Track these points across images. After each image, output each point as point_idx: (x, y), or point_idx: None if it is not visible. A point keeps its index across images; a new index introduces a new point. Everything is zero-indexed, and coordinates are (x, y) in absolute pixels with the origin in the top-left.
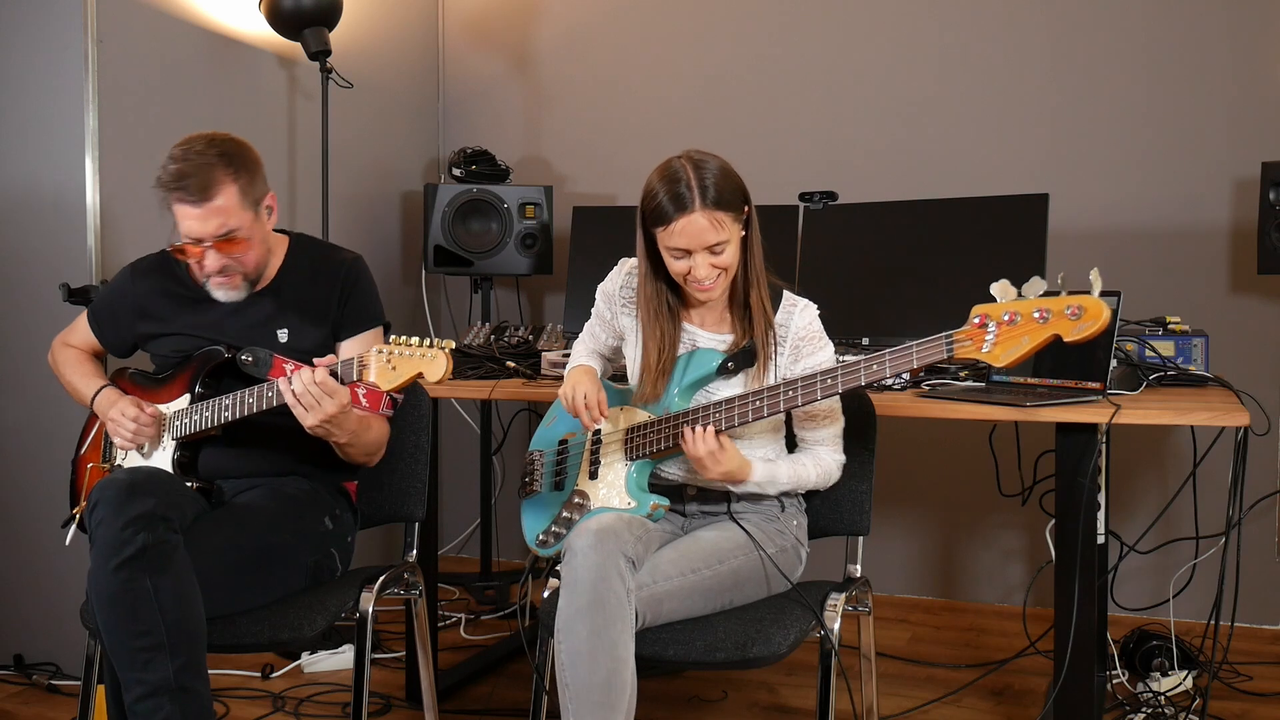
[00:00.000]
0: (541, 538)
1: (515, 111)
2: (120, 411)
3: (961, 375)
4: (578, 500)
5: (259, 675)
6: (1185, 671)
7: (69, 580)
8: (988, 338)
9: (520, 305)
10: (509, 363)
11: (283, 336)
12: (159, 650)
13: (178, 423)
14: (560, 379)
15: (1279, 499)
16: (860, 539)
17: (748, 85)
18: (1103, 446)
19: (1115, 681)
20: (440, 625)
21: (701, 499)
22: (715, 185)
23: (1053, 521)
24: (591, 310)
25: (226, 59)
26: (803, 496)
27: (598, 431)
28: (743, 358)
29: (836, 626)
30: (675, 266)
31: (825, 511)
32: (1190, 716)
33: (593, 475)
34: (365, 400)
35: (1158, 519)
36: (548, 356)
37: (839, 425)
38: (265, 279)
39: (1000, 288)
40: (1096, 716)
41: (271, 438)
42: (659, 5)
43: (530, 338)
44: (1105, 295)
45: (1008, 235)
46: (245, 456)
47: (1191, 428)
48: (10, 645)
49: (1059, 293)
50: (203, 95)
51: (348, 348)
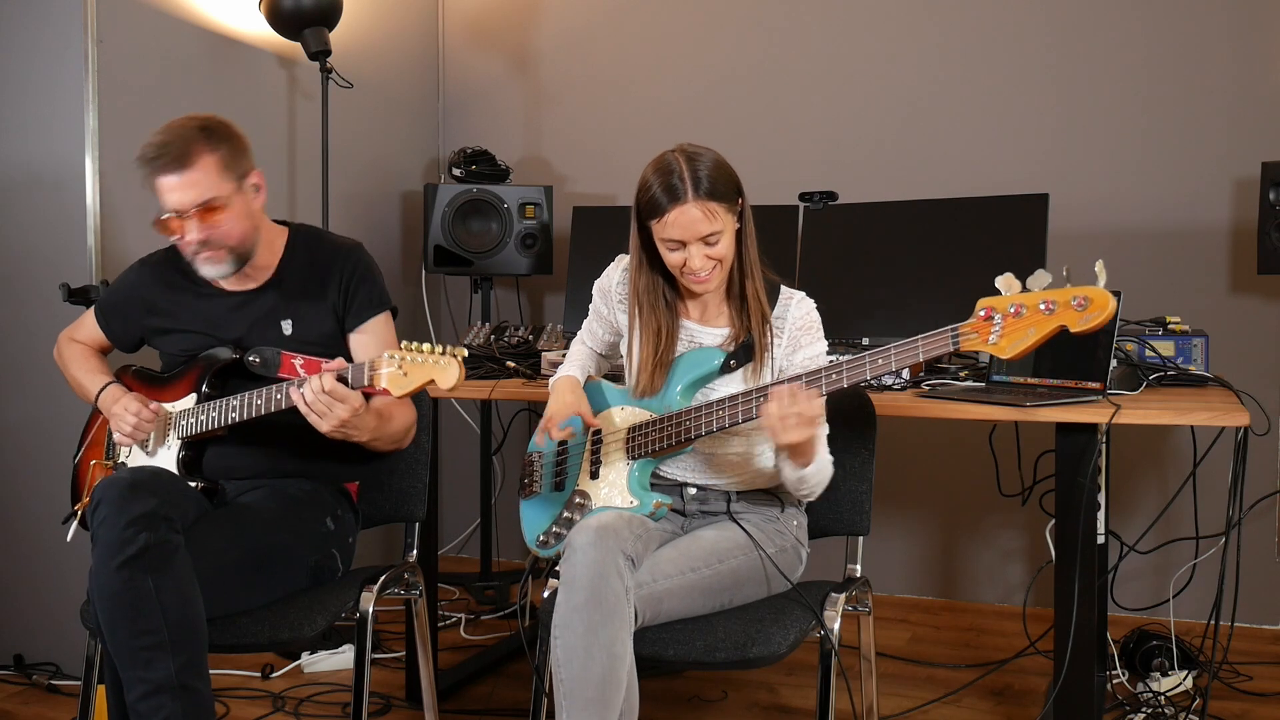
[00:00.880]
0: (542, 538)
1: (515, 111)
2: (123, 407)
3: (961, 375)
4: (579, 500)
5: (259, 675)
6: (1185, 671)
7: (69, 580)
8: (993, 330)
9: (520, 305)
10: (509, 363)
11: (287, 328)
12: (160, 649)
13: (184, 422)
14: None
15: (1279, 499)
16: (860, 539)
17: (748, 85)
18: (1103, 446)
19: (1115, 681)
20: (440, 625)
21: (701, 499)
22: (708, 176)
23: (1053, 521)
24: (589, 308)
25: (226, 59)
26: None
27: (598, 431)
28: (742, 354)
29: (836, 626)
30: (671, 259)
31: (825, 511)
32: (1190, 716)
33: (594, 475)
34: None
35: (1158, 519)
36: (548, 356)
37: (825, 429)
38: (266, 271)
39: (1005, 281)
40: (1096, 716)
41: (276, 437)
42: (659, 5)
43: (530, 338)
44: None
45: (1008, 235)
46: (250, 456)
47: (1191, 428)
48: (10, 645)
49: (1064, 285)
50: (203, 95)
51: (357, 340)
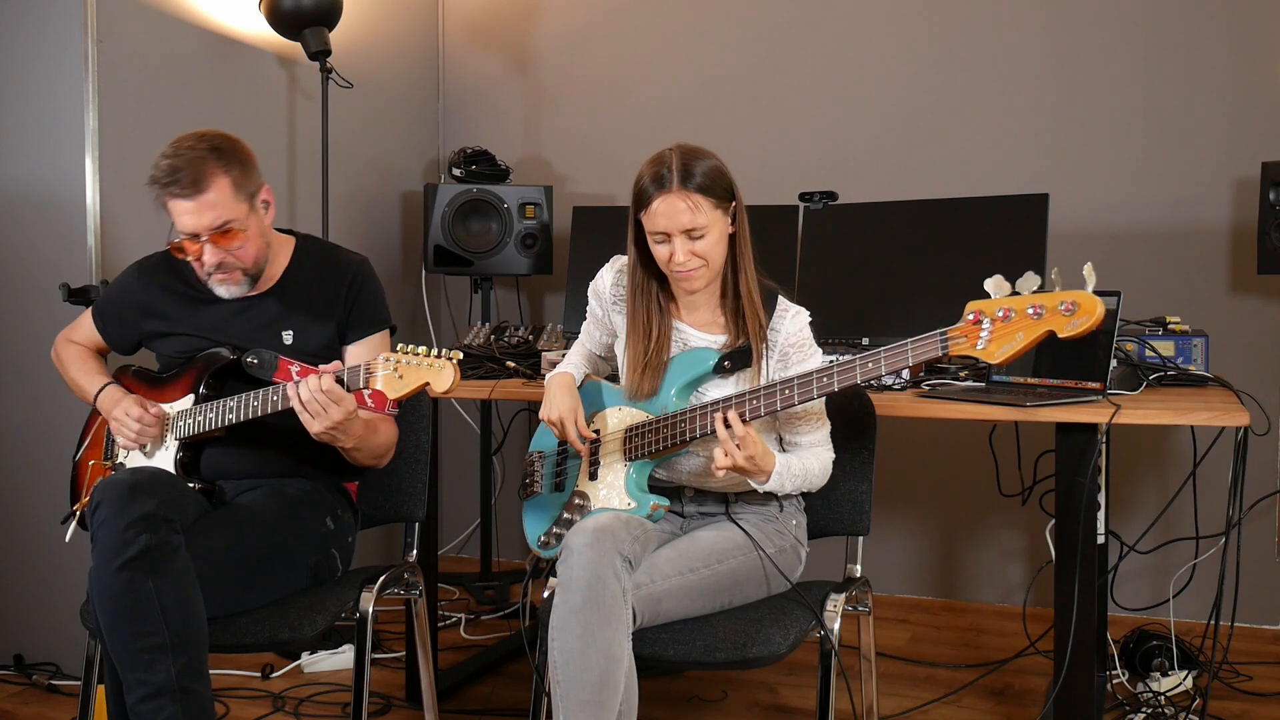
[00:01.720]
0: (543, 539)
1: (515, 111)
2: (124, 411)
3: (961, 375)
4: (578, 501)
5: (259, 675)
6: (1185, 671)
7: (69, 580)
8: (982, 334)
9: (520, 305)
10: (509, 363)
11: (288, 338)
12: (161, 651)
13: (181, 423)
14: None
15: (1279, 499)
16: (860, 539)
17: (748, 85)
18: (1103, 446)
19: (1115, 681)
20: (440, 625)
21: (699, 500)
22: (697, 171)
23: (1053, 521)
24: (586, 311)
25: (226, 59)
26: (801, 496)
27: (597, 432)
28: (739, 357)
29: (836, 626)
30: (658, 252)
31: (825, 511)
32: (1190, 716)
33: (592, 476)
34: (371, 400)
35: (1158, 519)
36: (548, 356)
37: (828, 427)
38: (270, 279)
39: (994, 283)
40: (1096, 716)
41: (274, 438)
42: (659, 5)
43: (530, 338)
44: (1105, 294)
45: (1008, 235)
46: (247, 457)
47: (1191, 428)
48: (10, 645)
49: (1053, 288)
50: (203, 95)
51: (353, 352)
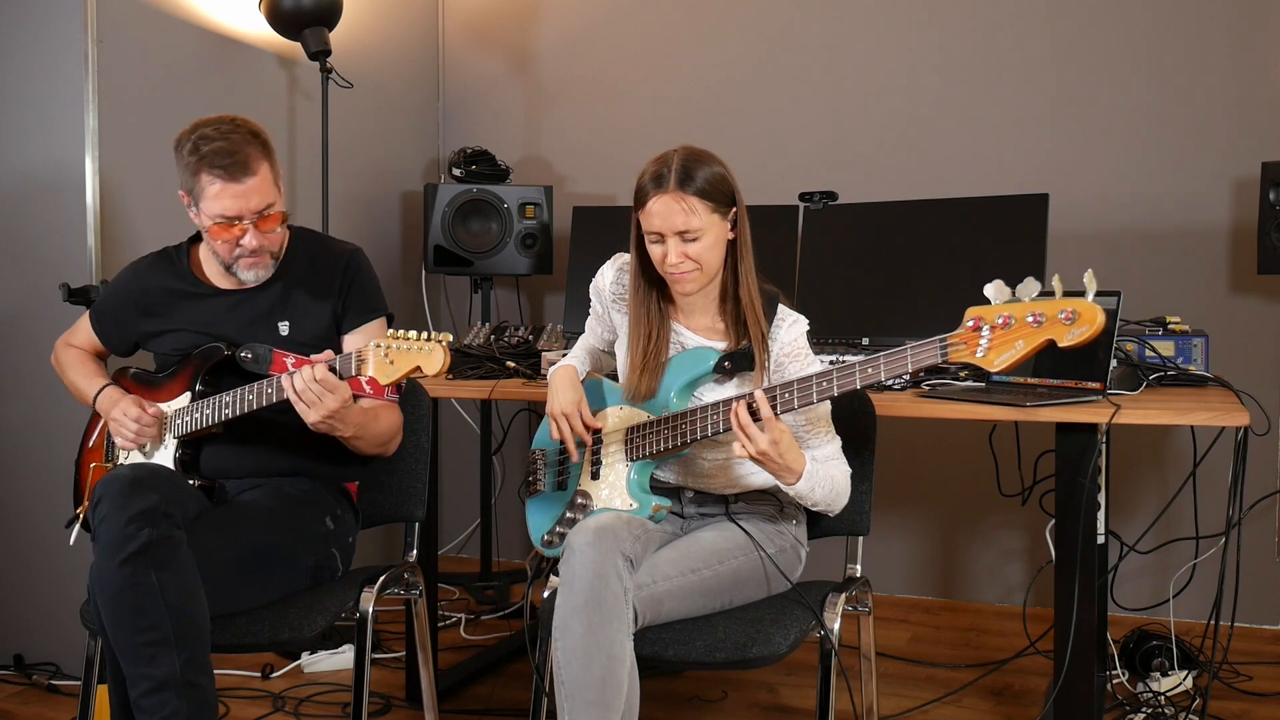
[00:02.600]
0: (546, 538)
1: (515, 111)
2: (122, 411)
3: (961, 375)
4: (580, 501)
5: (259, 675)
6: (1185, 671)
7: (69, 580)
8: (981, 342)
9: (520, 305)
10: (509, 363)
11: (284, 329)
12: (164, 645)
13: (179, 421)
14: None
15: (1279, 499)
16: (860, 539)
17: (748, 85)
18: (1103, 446)
19: (1115, 681)
20: (440, 625)
21: (700, 500)
22: (697, 175)
23: (1053, 521)
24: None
25: (226, 59)
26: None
27: (598, 431)
28: (739, 359)
29: (836, 626)
30: (653, 252)
31: None
32: (1190, 716)
33: (594, 475)
34: (369, 387)
35: (1158, 519)
36: (548, 356)
37: (839, 441)
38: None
39: (994, 289)
40: (1096, 716)
41: (273, 436)
42: (659, 5)
43: (530, 338)
44: (1104, 295)
45: (1008, 235)
46: (247, 455)
47: (1191, 428)
48: (10, 645)
49: (1053, 294)
50: (203, 95)
51: (351, 341)
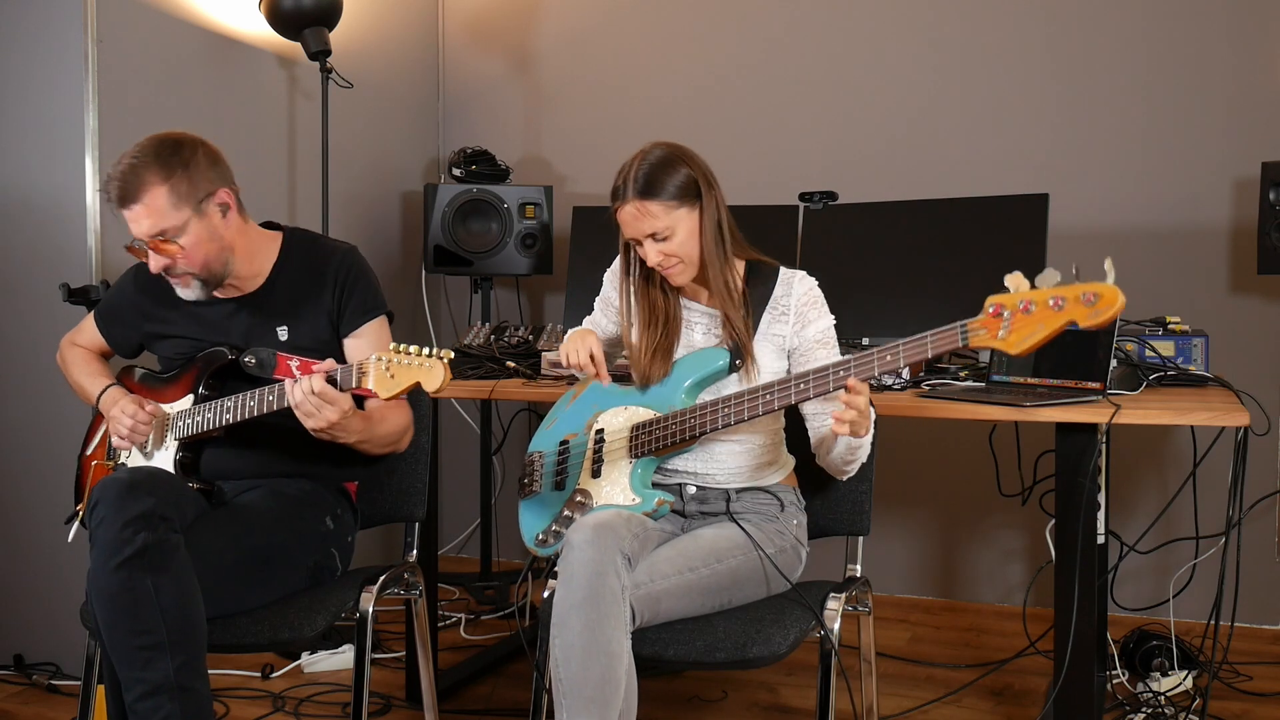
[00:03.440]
0: (541, 537)
1: (515, 111)
2: (121, 409)
3: (961, 375)
4: (580, 499)
5: (259, 675)
6: (1185, 671)
7: (69, 580)
8: (1003, 326)
9: (520, 305)
10: (509, 363)
11: (283, 334)
12: (159, 649)
13: (180, 423)
14: (560, 380)
15: (1279, 499)
16: (860, 539)
17: (748, 85)
18: (1103, 446)
19: (1115, 681)
20: (440, 625)
21: (701, 498)
22: (646, 176)
23: (1053, 521)
24: (595, 301)
25: (226, 59)
26: (802, 495)
27: (600, 431)
28: (738, 350)
29: (836, 626)
30: (638, 252)
31: (825, 511)
32: (1190, 716)
33: (595, 474)
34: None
35: (1158, 519)
36: (548, 356)
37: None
38: (259, 277)
39: (1014, 279)
40: (1096, 716)
41: (273, 438)
42: (659, 5)
43: (530, 338)
44: None
45: (1008, 235)
46: (247, 457)
47: (1191, 428)
48: (10, 645)
49: (1072, 282)
50: (203, 95)
51: (352, 345)
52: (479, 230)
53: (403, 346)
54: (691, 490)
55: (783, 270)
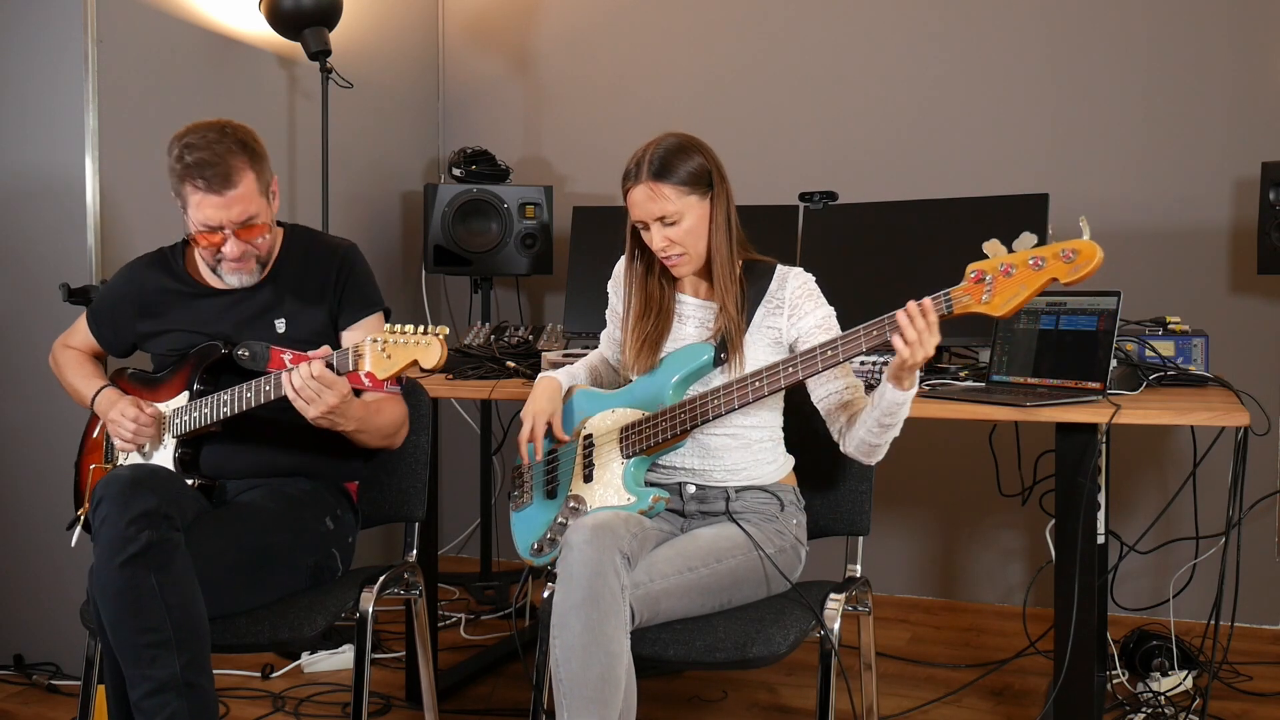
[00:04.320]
0: (536, 545)
1: (515, 111)
2: (120, 412)
3: (961, 375)
4: (573, 505)
5: (259, 675)
6: (1185, 671)
7: (69, 580)
8: (985, 290)
9: (520, 305)
10: (509, 363)
11: (280, 327)
12: (165, 647)
13: (177, 420)
14: None
15: (1279, 499)
16: (860, 539)
17: (748, 85)
18: (1103, 446)
19: (1115, 681)
20: (440, 625)
21: (700, 498)
22: (662, 160)
23: (1053, 521)
24: (607, 311)
25: (226, 59)
26: (802, 495)
27: (589, 436)
28: (724, 346)
29: (836, 626)
30: (645, 238)
31: (825, 511)
32: (1190, 716)
33: (587, 479)
34: (368, 380)
35: (1158, 519)
36: (548, 356)
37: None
38: (262, 270)
39: (991, 246)
40: (1096, 716)
41: (273, 436)
42: (659, 5)
43: (530, 338)
44: (1104, 295)
45: (1008, 235)
46: (247, 455)
47: (1191, 428)
48: (10, 645)
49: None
50: (203, 95)
51: (349, 337)
52: (479, 230)
53: (398, 327)
54: (691, 489)
55: (779, 267)
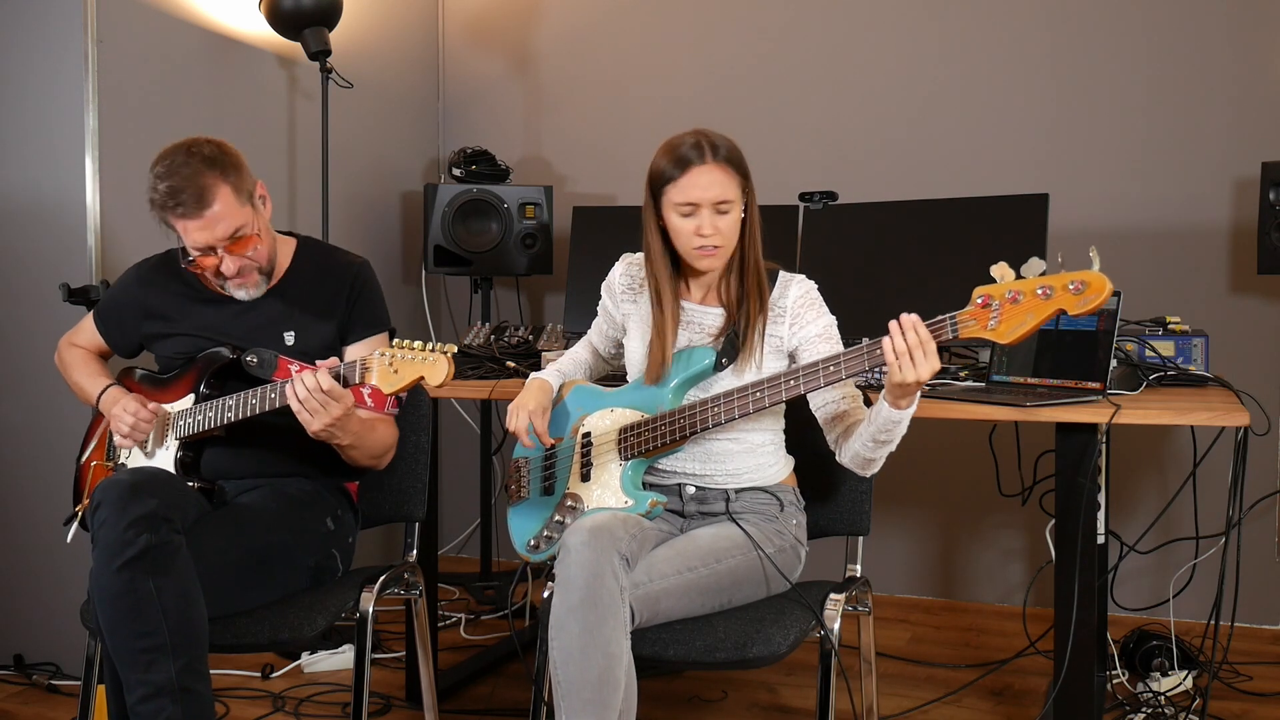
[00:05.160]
0: (533, 542)
1: (515, 111)
2: (122, 407)
3: (961, 375)
4: (570, 503)
5: (259, 675)
6: (1185, 671)
7: (69, 580)
8: (992, 316)
9: (520, 305)
10: (509, 363)
11: (289, 339)
12: (161, 651)
13: (181, 422)
14: None
15: (1279, 499)
16: (860, 539)
17: (748, 85)
18: (1103, 446)
19: (1115, 681)
20: (440, 625)
21: (700, 498)
22: (726, 146)
23: (1053, 521)
24: (597, 308)
25: (226, 59)
26: (801, 495)
27: (587, 435)
28: (729, 348)
29: (836, 626)
30: (683, 226)
31: (825, 511)
32: (1190, 716)
33: (584, 478)
34: (370, 400)
35: (1158, 519)
36: (548, 356)
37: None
38: (273, 279)
39: (999, 269)
40: (1096, 716)
41: (274, 438)
42: (659, 5)
43: (530, 338)
44: None
45: (1008, 235)
46: (247, 457)
47: (1191, 428)
48: (10, 645)
49: (1058, 272)
50: (203, 95)
51: (353, 352)
52: (479, 230)
53: (406, 342)
54: (690, 490)
55: (781, 274)
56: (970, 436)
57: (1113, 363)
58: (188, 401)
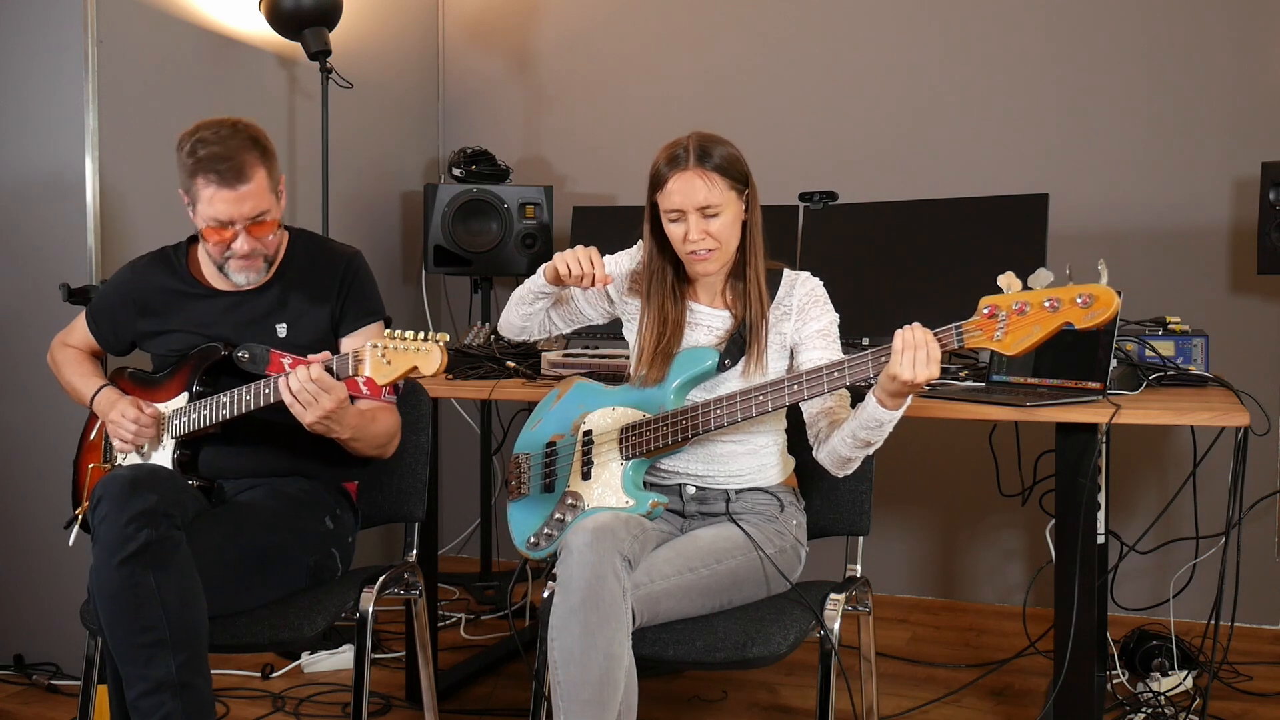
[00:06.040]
0: (532, 539)
1: (515, 111)
2: (120, 413)
3: (961, 375)
4: (570, 501)
5: (259, 675)
6: (1185, 671)
7: (69, 580)
8: (998, 327)
9: None
10: (509, 363)
11: (281, 331)
12: (161, 646)
13: (176, 421)
14: (560, 379)
15: (1279, 499)
16: (860, 539)
17: (748, 85)
18: (1103, 446)
19: (1115, 681)
20: (440, 625)
21: (700, 498)
22: (713, 152)
23: (1053, 521)
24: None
25: (226, 59)
26: (802, 495)
27: (589, 432)
28: (734, 350)
29: (836, 626)
30: (673, 231)
31: (825, 511)
32: (1190, 716)
33: (585, 476)
34: (366, 388)
35: (1158, 519)
36: (548, 357)
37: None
38: (271, 271)
39: (1006, 279)
40: (1096, 716)
41: (272, 437)
42: (659, 5)
43: None
44: None
45: (1008, 235)
46: (246, 455)
47: (1191, 428)
48: (10, 645)
49: (1066, 284)
50: (203, 95)
51: (348, 343)
52: (479, 230)
53: (398, 333)
54: (691, 490)
55: (787, 272)
56: (970, 436)
57: (1113, 363)
58: (181, 399)
